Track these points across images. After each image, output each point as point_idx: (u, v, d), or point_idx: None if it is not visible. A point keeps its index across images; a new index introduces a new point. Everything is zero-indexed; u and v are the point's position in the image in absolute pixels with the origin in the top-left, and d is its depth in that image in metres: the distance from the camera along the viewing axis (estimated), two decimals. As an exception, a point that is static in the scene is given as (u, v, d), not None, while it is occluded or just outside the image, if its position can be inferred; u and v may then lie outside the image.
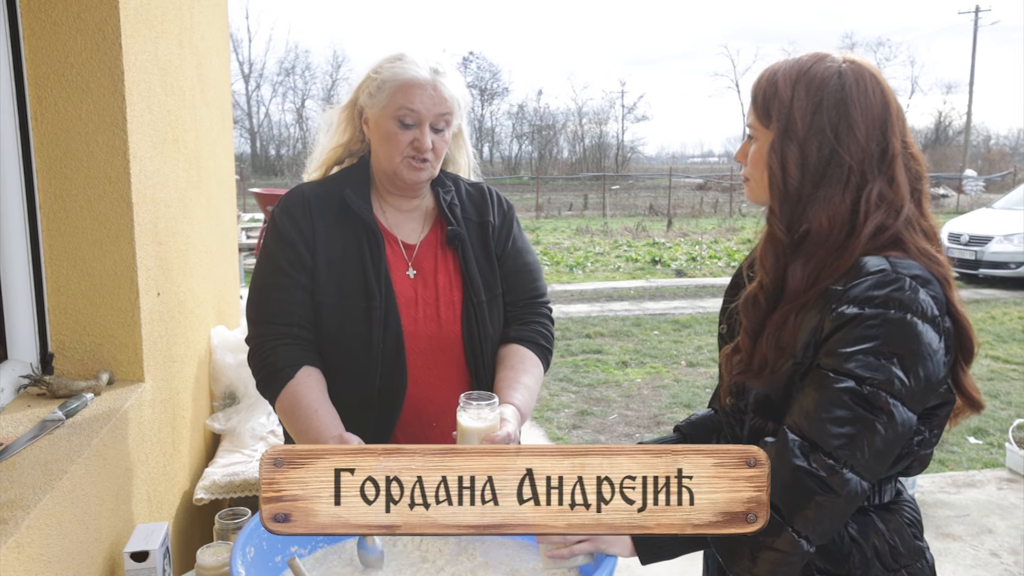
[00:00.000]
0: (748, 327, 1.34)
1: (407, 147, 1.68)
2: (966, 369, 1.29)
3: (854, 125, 1.25)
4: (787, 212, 1.30)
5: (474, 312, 1.74)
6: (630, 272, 12.95)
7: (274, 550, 1.49)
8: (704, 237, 17.63)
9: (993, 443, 5.08)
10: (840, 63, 1.29)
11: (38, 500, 1.30)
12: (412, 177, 1.72)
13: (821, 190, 1.27)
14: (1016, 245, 11.31)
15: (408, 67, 1.67)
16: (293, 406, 1.62)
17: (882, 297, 1.17)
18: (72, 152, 1.83)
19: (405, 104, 1.66)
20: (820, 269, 1.27)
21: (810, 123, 1.26)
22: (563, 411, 5.85)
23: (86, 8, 1.79)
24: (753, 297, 1.34)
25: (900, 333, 1.16)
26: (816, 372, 1.22)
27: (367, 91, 1.72)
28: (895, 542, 1.30)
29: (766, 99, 1.31)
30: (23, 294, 1.82)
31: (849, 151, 1.25)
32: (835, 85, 1.26)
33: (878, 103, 1.27)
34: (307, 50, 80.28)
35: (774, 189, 1.31)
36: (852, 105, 1.26)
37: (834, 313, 1.20)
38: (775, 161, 1.29)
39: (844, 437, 1.16)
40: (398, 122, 1.67)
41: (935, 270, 1.24)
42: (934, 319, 1.19)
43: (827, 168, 1.26)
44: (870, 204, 1.26)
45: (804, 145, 1.27)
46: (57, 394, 1.78)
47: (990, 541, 3.73)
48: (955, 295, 1.26)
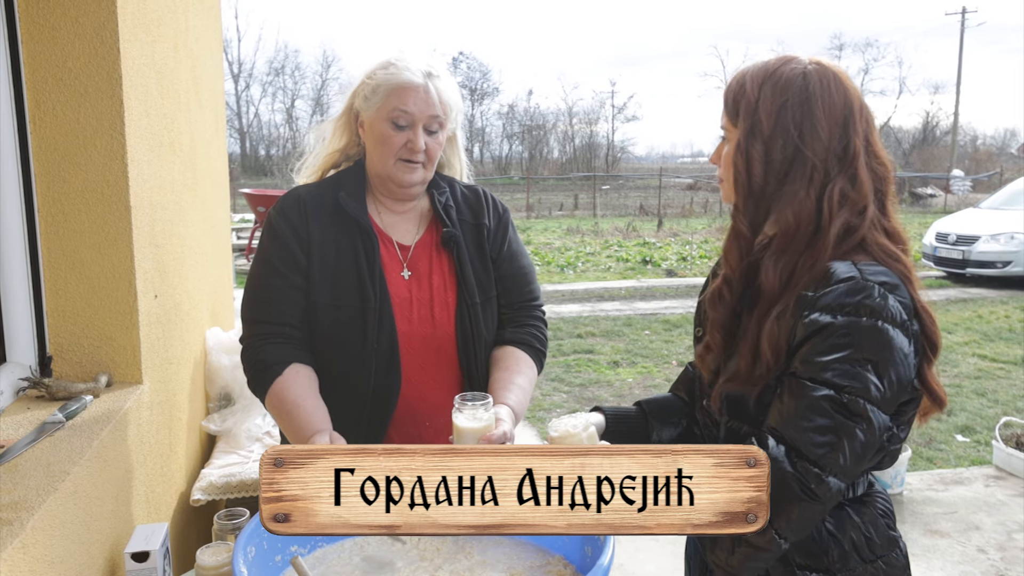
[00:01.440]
0: (715, 321, 1.37)
1: (401, 148, 1.71)
2: (931, 365, 1.32)
3: (817, 124, 1.29)
4: (751, 209, 1.34)
5: (468, 314, 1.76)
6: (621, 272, 12.99)
7: (274, 550, 1.51)
8: (694, 237, 17.70)
9: (980, 441, 5.14)
10: (806, 64, 1.33)
11: (41, 501, 1.31)
12: (406, 178, 1.74)
13: (786, 187, 1.30)
14: (1003, 244, 11.42)
15: (402, 70, 1.71)
16: (280, 403, 1.64)
17: (853, 305, 1.20)
18: (70, 156, 1.84)
19: (399, 106, 1.69)
20: (792, 268, 1.30)
21: (775, 122, 1.30)
22: (555, 411, 5.88)
23: (84, 13, 1.81)
24: (718, 291, 1.38)
25: (872, 340, 1.20)
26: (793, 380, 1.24)
27: (362, 95, 1.75)
28: (870, 533, 1.34)
29: (735, 100, 1.36)
30: (22, 297, 1.83)
31: (812, 149, 1.29)
32: (800, 85, 1.30)
33: (840, 102, 1.31)
34: (297, 50, 79.93)
35: (739, 186, 1.35)
36: (815, 104, 1.29)
37: (807, 319, 1.23)
38: (740, 159, 1.33)
39: (827, 445, 1.20)
40: (392, 124, 1.71)
41: (895, 267, 1.28)
42: (903, 323, 1.22)
43: (792, 166, 1.30)
44: (833, 202, 1.29)
45: (769, 143, 1.31)
46: (56, 396, 1.79)
47: (977, 537, 3.77)
48: (917, 292, 1.29)
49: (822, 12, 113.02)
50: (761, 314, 1.31)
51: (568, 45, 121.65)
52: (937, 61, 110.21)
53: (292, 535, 1.04)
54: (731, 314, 1.37)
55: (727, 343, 1.37)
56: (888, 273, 1.26)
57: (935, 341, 1.30)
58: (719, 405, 1.40)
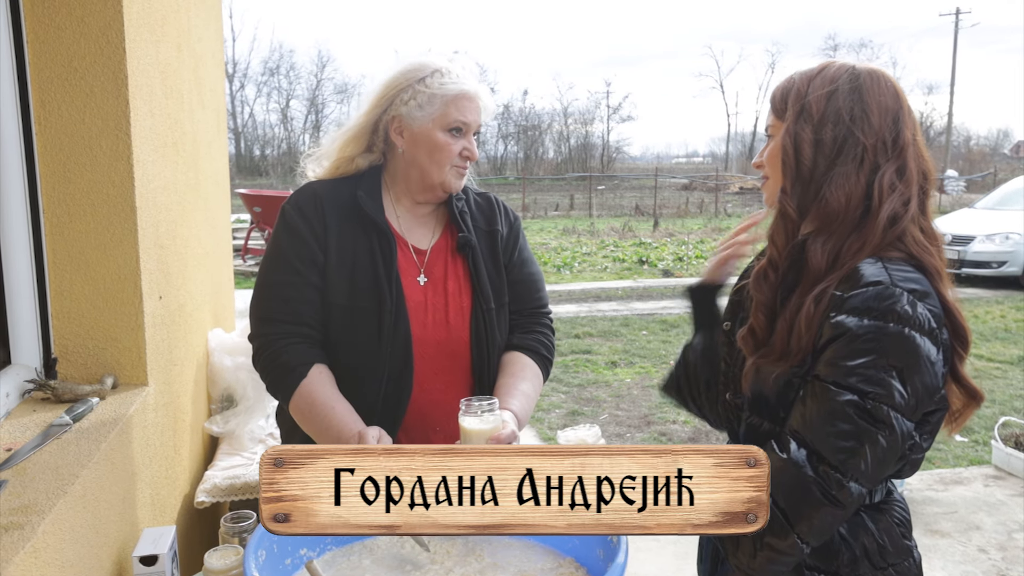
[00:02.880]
0: (760, 302, 1.36)
1: (457, 156, 1.74)
2: (963, 362, 1.32)
3: (868, 110, 1.30)
4: (799, 191, 1.34)
5: (483, 319, 1.75)
6: (617, 272, 13.00)
7: (284, 553, 1.50)
8: (690, 237, 17.72)
9: (979, 440, 5.15)
10: (855, 64, 1.36)
11: (52, 505, 1.30)
12: (457, 184, 1.78)
13: (836, 168, 1.31)
14: (998, 245, 11.45)
15: (460, 80, 1.73)
16: (310, 405, 1.63)
17: (880, 310, 1.19)
18: (75, 157, 1.83)
19: (458, 116, 1.72)
20: (838, 250, 1.29)
21: (825, 106, 1.31)
22: (554, 411, 5.88)
23: (90, 12, 1.79)
24: (763, 272, 1.37)
25: (898, 346, 1.19)
26: (816, 383, 1.24)
27: (414, 103, 1.72)
28: (884, 541, 1.33)
29: (783, 96, 1.37)
30: (27, 299, 1.82)
31: (864, 132, 1.30)
32: (850, 75, 1.33)
33: (890, 95, 1.33)
34: (291, 50, 79.71)
35: (787, 169, 1.34)
36: (866, 93, 1.31)
37: (833, 320, 1.23)
38: (789, 143, 1.34)
39: (848, 451, 1.19)
40: (449, 132, 1.73)
41: (929, 261, 1.28)
42: (932, 332, 1.21)
43: (843, 148, 1.30)
44: (883, 188, 1.29)
45: (819, 126, 1.31)
46: (62, 399, 1.78)
47: (978, 537, 3.78)
48: (946, 287, 1.29)
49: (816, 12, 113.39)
50: (804, 292, 1.30)
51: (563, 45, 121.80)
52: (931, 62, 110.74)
53: (292, 535, 1.02)
54: (775, 296, 1.36)
55: (770, 325, 1.35)
56: (920, 280, 1.25)
57: (965, 337, 1.30)
58: (740, 399, 1.40)
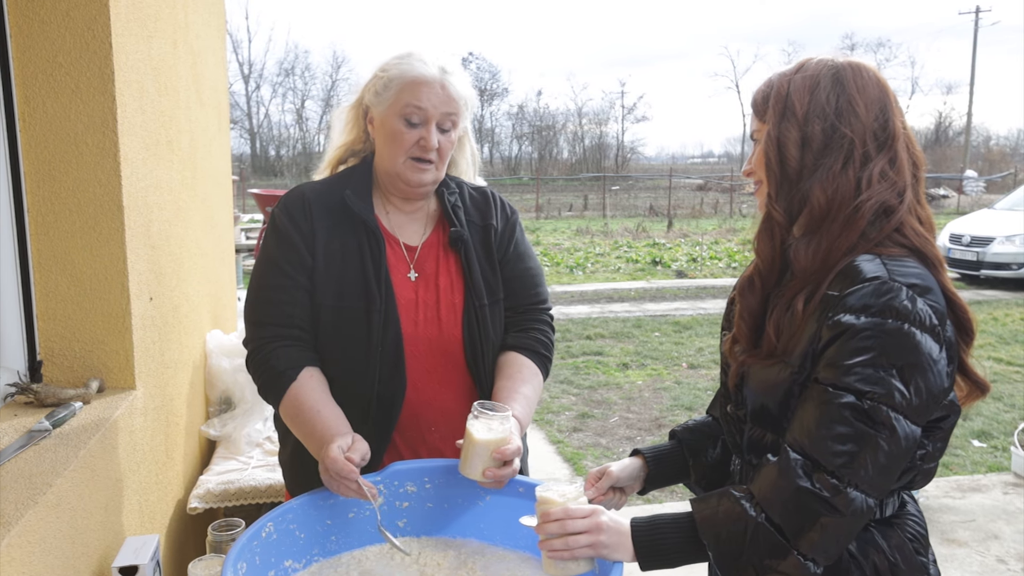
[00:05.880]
0: (743, 309, 1.33)
1: (412, 146, 1.65)
2: (968, 351, 1.27)
3: (853, 102, 1.25)
4: (785, 192, 1.28)
5: (476, 316, 1.70)
6: (630, 273, 12.91)
7: (267, 564, 1.45)
8: (704, 238, 17.60)
9: (998, 446, 5.03)
10: (834, 58, 1.30)
11: (20, 516, 1.25)
12: (415, 178, 1.68)
13: (823, 162, 1.25)
14: (1018, 246, 11.27)
15: (416, 64, 1.64)
16: (297, 410, 1.59)
17: (878, 306, 1.14)
18: (61, 154, 1.78)
19: (412, 102, 1.63)
20: (827, 251, 1.24)
21: (809, 103, 1.26)
22: (564, 414, 5.81)
23: (75, 6, 1.75)
24: (749, 280, 1.33)
25: (898, 344, 1.13)
26: (815, 386, 1.19)
27: (373, 89, 1.69)
28: (895, 559, 1.26)
29: (763, 98, 1.32)
30: (11, 299, 1.77)
31: (850, 126, 1.24)
32: (830, 69, 1.27)
33: (874, 86, 1.27)
34: (307, 51, 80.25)
35: (771, 172, 1.29)
36: (849, 85, 1.26)
37: (831, 321, 1.18)
38: (772, 145, 1.28)
39: (846, 455, 1.13)
40: (404, 120, 1.64)
41: (930, 251, 1.23)
42: (933, 328, 1.15)
43: (828, 143, 1.25)
44: (873, 180, 1.24)
45: (804, 124, 1.26)
46: (45, 403, 1.73)
47: (996, 547, 3.68)
48: (945, 276, 1.25)
49: (834, 12, 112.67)
50: (792, 292, 1.25)
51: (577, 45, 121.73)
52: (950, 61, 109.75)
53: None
54: (761, 304, 1.31)
55: (754, 334, 1.30)
56: (921, 275, 1.19)
57: (969, 327, 1.25)
58: (742, 411, 1.34)
